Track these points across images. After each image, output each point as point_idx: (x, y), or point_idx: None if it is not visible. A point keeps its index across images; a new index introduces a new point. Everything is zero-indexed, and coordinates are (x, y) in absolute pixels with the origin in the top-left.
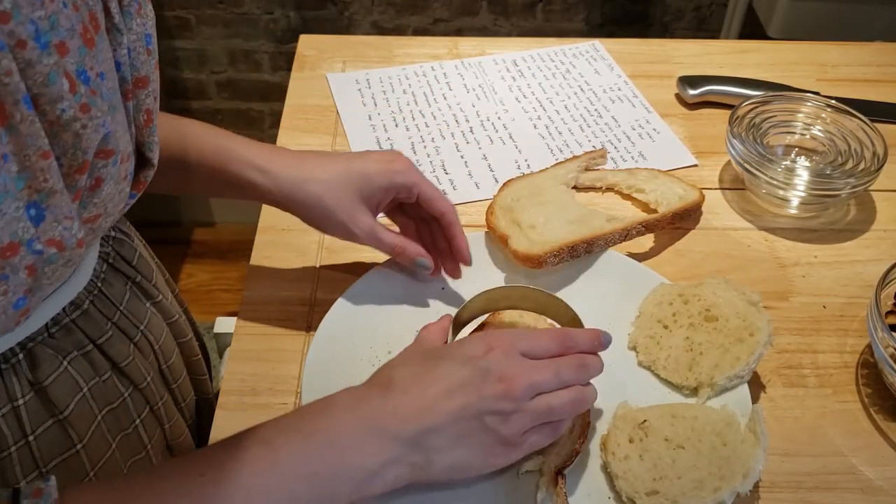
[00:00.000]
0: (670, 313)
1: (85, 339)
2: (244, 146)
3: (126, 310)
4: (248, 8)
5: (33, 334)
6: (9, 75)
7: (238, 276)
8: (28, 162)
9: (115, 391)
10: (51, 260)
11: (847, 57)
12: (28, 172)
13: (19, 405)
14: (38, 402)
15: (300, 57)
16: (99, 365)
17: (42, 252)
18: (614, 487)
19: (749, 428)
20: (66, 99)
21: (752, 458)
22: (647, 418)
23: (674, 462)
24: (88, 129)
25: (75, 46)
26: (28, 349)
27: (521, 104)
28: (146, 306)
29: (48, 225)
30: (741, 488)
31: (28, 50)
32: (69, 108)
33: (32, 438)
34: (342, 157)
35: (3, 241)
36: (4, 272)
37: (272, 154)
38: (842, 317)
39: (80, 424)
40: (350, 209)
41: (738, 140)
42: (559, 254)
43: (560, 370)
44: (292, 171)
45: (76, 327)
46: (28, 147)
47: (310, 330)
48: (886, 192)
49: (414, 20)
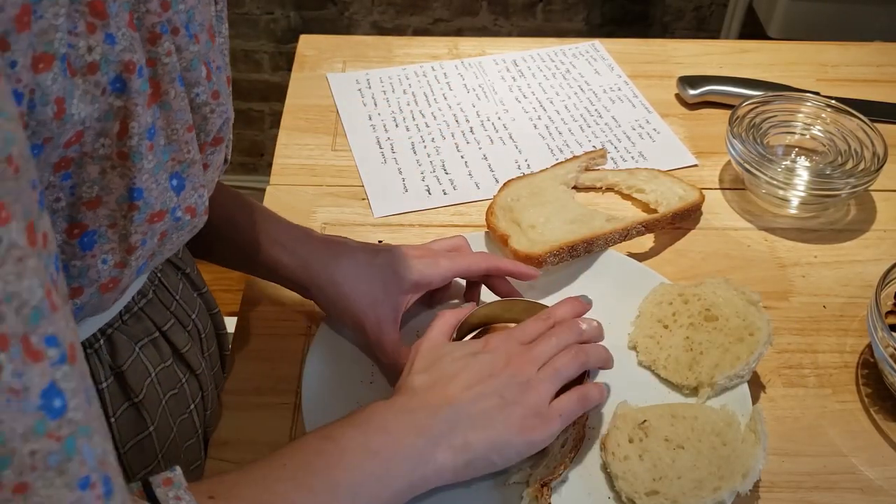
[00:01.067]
0: (670, 313)
1: (152, 326)
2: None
3: (181, 299)
4: (248, 8)
5: (111, 321)
6: (169, 55)
7: (238, 276)
8: (175, 136)
9: (175, 377)
10: (182, 226)
11: (847, 57)
12: (174, 146)
13: (103, 388)
14: (116, 385)
15: (300, 57)
16: (164, 351)
17: (180, 219)
18: (614, 487)
19: (750, 428)
20: (202, 84)
21: (751, 458)
22: (646, 418)
23: (673, 462)
24: (215, 114)
25: (204, 39)
26: (107, 335)
27: (521, 104)
28: (195, 296)
29: (187, 193)
30: (741, 488)
31: (179, 36)
32: (203, 93)
33: (114, 420)
34: (362, 248)
35: (156, 209)
36: (145, 237)
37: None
38: (842, 317)
39: (151, 407)
40: (375, 309)
41: (738, 140)
42: (559, 253)
43: (554, 336)
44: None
45: (144, 315)
46: (177, 122)
47: (310, 330)
48: (886, 192)
49: (414, 20)
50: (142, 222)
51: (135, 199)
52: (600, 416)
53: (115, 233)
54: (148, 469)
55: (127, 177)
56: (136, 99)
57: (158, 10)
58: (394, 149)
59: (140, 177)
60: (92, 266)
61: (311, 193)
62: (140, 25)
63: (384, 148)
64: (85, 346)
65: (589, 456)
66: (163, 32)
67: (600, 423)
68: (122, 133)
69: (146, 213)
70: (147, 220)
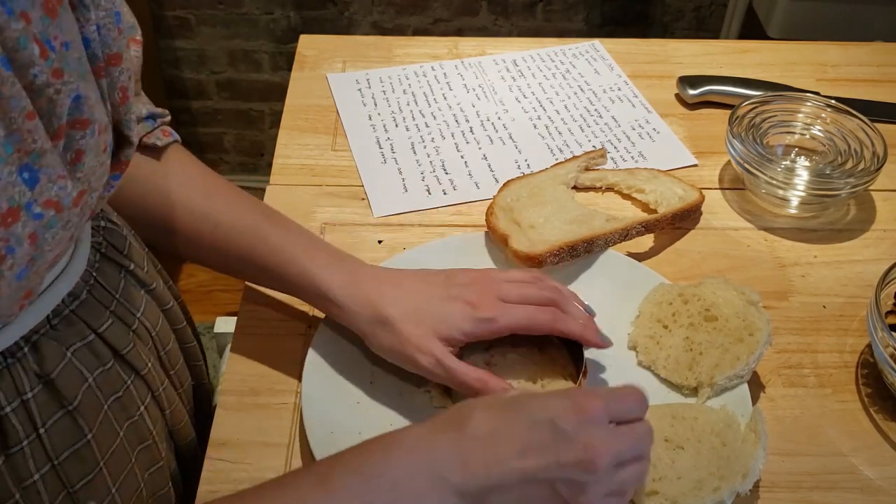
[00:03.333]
0: (670, 313)
1: (86, 328)
2: (322, 273)
3: (122, 298)
4: (248, 8)
5: (36, 327)
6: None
7: None
8: (15, 125)
9: (118, 379)
10: (51, 224)
11: (847, 57)
12: (17, 135)
13: (28, 398)
14: (46, 394)
15: (300, 57)
16: (101, 354)
17: (42, 216)
18: None
19: (750, 428)
20: (37, 64)
21: (751, 458)
22: (646, 418)
23: (673, 462)
24: (62, 94)
25: (37, 16)
26: (33, 342)
27: (521, 104)
28: (141, 293)
29: (43, 186)
30: (741, 488)
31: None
32: (41, 73)
33: (43, 431)
34: (424, 297)
35: (3, 208)
36: (10, 244)
37: (348, 287)
38: (842, 317)
39: (88, 414)
40: (431, 346)
41: (738, 140)
42: (559, 253)
43: (638, 439)
44: (366, 309)
45: (77, 317)
46: (13, 109)
47: (310, 330)
48: (886, 192)
49: (414, 20)
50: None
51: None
52: None
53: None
54: (88, 478)
55: None
56: None
57: None
58: (394, 149)
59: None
60: None
61: (311, 193)
62: None
63: (384, 148)
64: (6, 355)
65: None
66: None
67: None
68: None
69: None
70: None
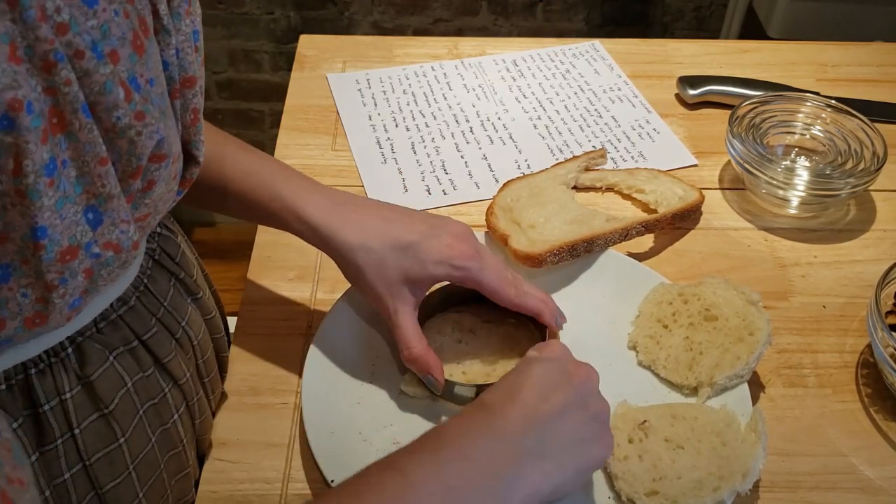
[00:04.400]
0: (670, 313)
1: (131, 334)
2: (300, 197)
3: (170, 306)
4: (248, 8)
5: (82, 329)
6: (68, 85)
7: (238, 276)
8: (87, 168)
9: (156, 387)
10: (107, 263)
11: (847, 57)
12: (87, 178)
13: (66, 398)
14: (84, 396)
15: (300, 57)
16: (143, 361)
17: (100, 255)
18: (614, 488)
19: (750, 427)
20: (121, 107)
21: (751, 458)
22: (646, 418)
23: (673, 462)
24: (143, 136)
25: (126, 54)
26: (77, 344)
27: (521, 104)
28: (187, 302)
29: (105, 228)
30: (741, 488)
31: (85, 60)
32: (124, 116)
33: (78, 431)
34: (403, 226)
35: (63, 245)
36: (63, 276)
37: (329, 210)
38: (842, 317)
39: (123, 419)
40: (392, 293)
41: (738, 140)
42: (559, 253)
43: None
44: (347, 234)
45: (123, 323)
46: (86, 154)
47: (310, 330)
48: (886, 192)
49: (414, 20)
50: (52, 261)
51: (38, 238)
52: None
53: (30, 269)
54: (117, 481)
55: (28, 215)
56: (26, 136)
57: (51, 37)
58: (394, 149)
59: (41, 215)
60: (10, 298)
61: None
62: (31, 55)
63: (384, 148)
64: (49, 354)
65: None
66: (58, 60)
67: None
68: (17, 170)
69: (54, 252)
70: (57, 259)
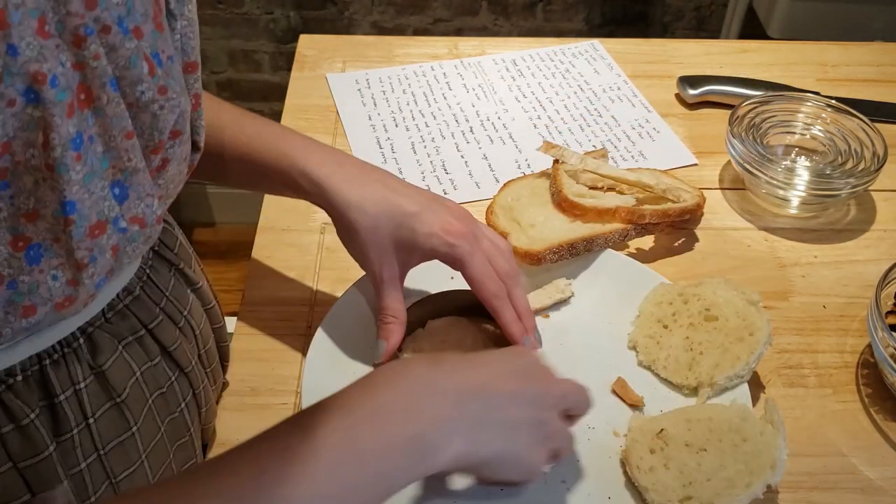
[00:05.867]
0: (670, 313)
1: (138, 324)
2: (304, 153)
3: (172, 296)
4: (248, 8)
5: (92, 319)
6: (97, 59)
7: (238, 276)
8: (113, 143)
9: (164, 376)
10: (133, 238)
11: (847, 57)
12: (113, 153)
13: (81, 388)
14: (97, 385)
15: (300, 57)
16: (150, 349)
17: (126, 230)
18: (645, 501)
19: (765, 419)
20: (145, 81)
21: (775, 449)
22: (663, 427)
23: (699, 465)
24: (165, 110)
25: (149, 30)
26: (88, 334)
27: (520, 104)
28: (188, 292)
29: (132, 203)
30: (772, 480)
31: (112, 35)
32: (148, 90)
33: (93, 421)
34: (402, 195)
35: (92, 220)
36: (93, 253)
37: (333, 167)
38: (842, 317)
39: (135, 407)
40: (381, 257)
41: (738, 140)
42: (559, 251)
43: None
44: (347, 193)
45: (130, 312)
46: (113, 128)
47: (310, 330)
48: (886, 192)
49: (414, 20)
50: (82, 237)
51: (68, 212)
52: (599, 415)
53: (61, 247)
54: (130, 470)
55: (57, 190)
56: (52, 109)
57: (81, 11)
58: (394, 149)
59: (70, 189)
60: (42, 282)
61: None
62: (61, 29)
63: (384, 148)
64: (62, 345)
65: (611, 475)
66: (88, 34)
67: (602, 424)
68: (45, 144)
69: (84, 227)
70: (87, 234)
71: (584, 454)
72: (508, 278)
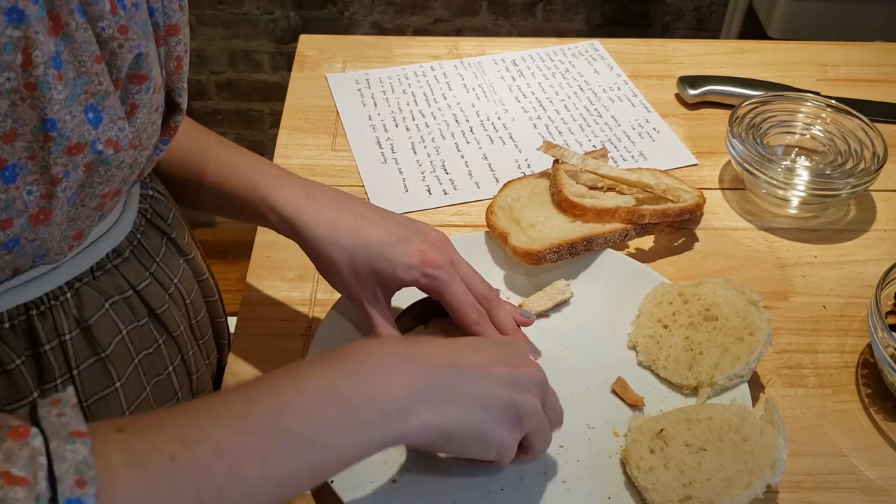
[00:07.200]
0: (670, 313)
1: (125, 284)
2: (275, 187)
3: (162, 262)
4: (248, 8)
5: (80, 275)
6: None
7: (238, 276)
8: (84, 67)
9: (150, 337)
10: (107, 161)
11: (847, 57)
12: (84, 77)
13: (66, 340)
14: (82, 339)
15: (300, 57)
16: (137, 310)
17: (102, 152)
18: (645, 501)
19: (765, 419)
20: (106, 18)
21: (774, 449)
22: (663, 426)
23: (699, 465)
24: (124, 49)
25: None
26: (75, 289)
27: (520, 104)
28: (179, 262)
29: (105, 126)
30: (772, 480)
31: None
32: (108, 27)
33: (77, 373)
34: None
35: (72, 141)
36: (67, 169)
37: (303, 201)
38: (842, 317)
39: (119, 364)
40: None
41: (738, 140)
42: (559, 250)
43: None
44: (319, 228)
45: (118, 272)
46: (83, 53)
47: (310, 330)
48: (886, 192)
49: (414, 20)
50: (60, 154)
51: (48, 129)
52: (598, 414)
53: (36, 164)
54: None
55: (38, 107)
56: (35, 27)
57: None
58: (394, 149)
59: (51, 107)
60: (17, 198)
61: None
62: None
63: (384, 148)
64: (49, 297)
65: (611, 475)
66: None
67: (602, 424)
68: (27, 63)
69: (63, 145)
70: (65, 151)
71: (584, 454)
72: (487, 302)
